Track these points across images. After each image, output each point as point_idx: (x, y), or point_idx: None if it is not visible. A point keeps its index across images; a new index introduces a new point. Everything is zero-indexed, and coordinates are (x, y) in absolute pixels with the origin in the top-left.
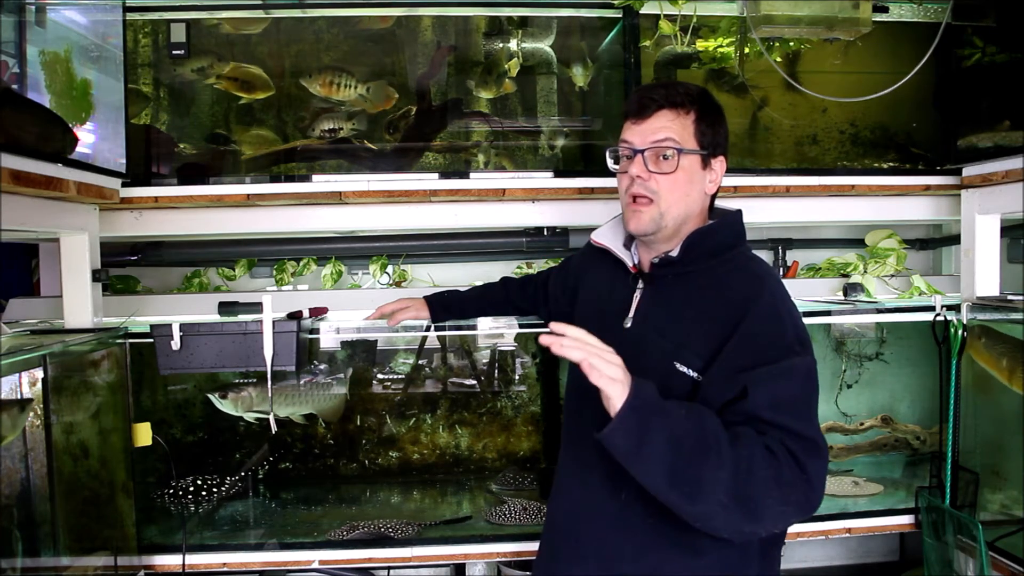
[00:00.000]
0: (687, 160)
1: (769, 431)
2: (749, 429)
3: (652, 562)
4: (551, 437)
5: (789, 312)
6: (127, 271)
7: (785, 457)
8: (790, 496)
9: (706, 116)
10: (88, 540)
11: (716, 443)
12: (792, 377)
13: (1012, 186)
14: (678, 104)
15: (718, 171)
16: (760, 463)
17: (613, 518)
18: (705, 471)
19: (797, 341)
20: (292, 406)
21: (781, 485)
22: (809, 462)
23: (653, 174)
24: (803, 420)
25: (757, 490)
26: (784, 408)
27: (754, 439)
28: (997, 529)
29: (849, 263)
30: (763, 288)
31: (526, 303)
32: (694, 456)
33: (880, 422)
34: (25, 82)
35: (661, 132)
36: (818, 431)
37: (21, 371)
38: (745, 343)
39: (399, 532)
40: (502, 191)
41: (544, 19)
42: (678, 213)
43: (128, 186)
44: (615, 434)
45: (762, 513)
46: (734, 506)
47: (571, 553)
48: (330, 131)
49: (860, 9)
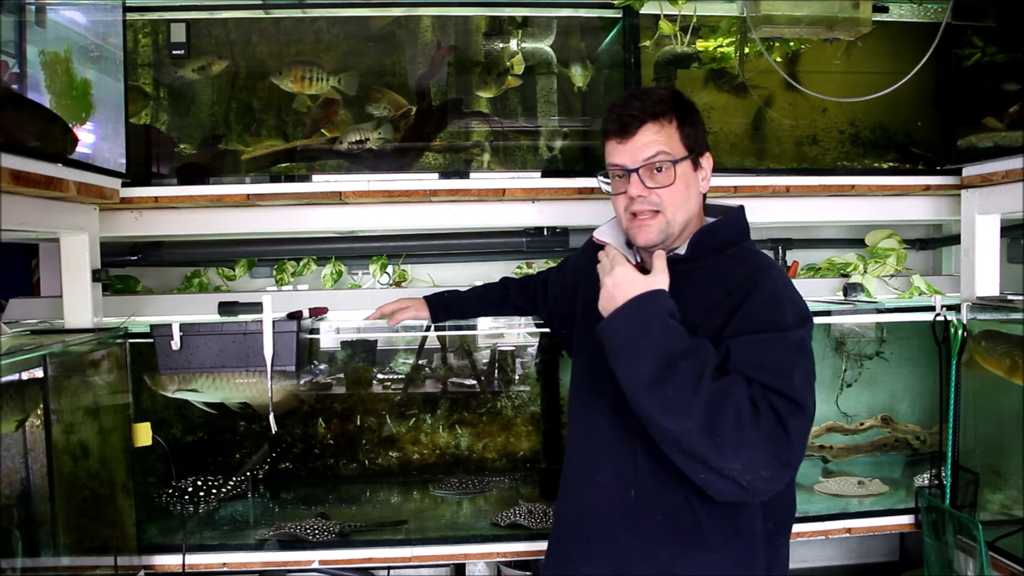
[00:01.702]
0: (681, 167)
1: (752, 386)
2: (737, 375)
3: (663, 559)
4: (551, 437)
5: (791, 298)
6: (127, 271)
7: (765, 409)
8: (764, 446)
9: (686, 118)
10: (88, 540)
11: (700, 371)
12: (779, 343)
13: (1012, 186)
14: (659, 114)
15: (707, 168)
16: (738, 403)
17: (622, 517)
18: (683, 394)
19: (794, 321)
20: (223, 391)
21: (756, 431)
22: (790, 420)
23: (652, 189)
24: (785, 380)
25: (727, 427)
26: (768, 369)
27: (738, 382)
28: (997, 529)
29: (849, 263)
30: (766, 277)
31: (526, 303)
32: (677, 376)
33: (880, 422)
34: (25, 82)
35: (650, 148)
36: (802, 394)
37: (21, 371)
38: (741, 321)
39: (319, 536)
40: (502, 191)
41: (544, 19)
42: (682, 219)
43: (128, 186)
44: (617, 319)
45: (729, 452)
46: (702, 435)
47: (581, 553)
48: (357, 142)
49: (860, 9)
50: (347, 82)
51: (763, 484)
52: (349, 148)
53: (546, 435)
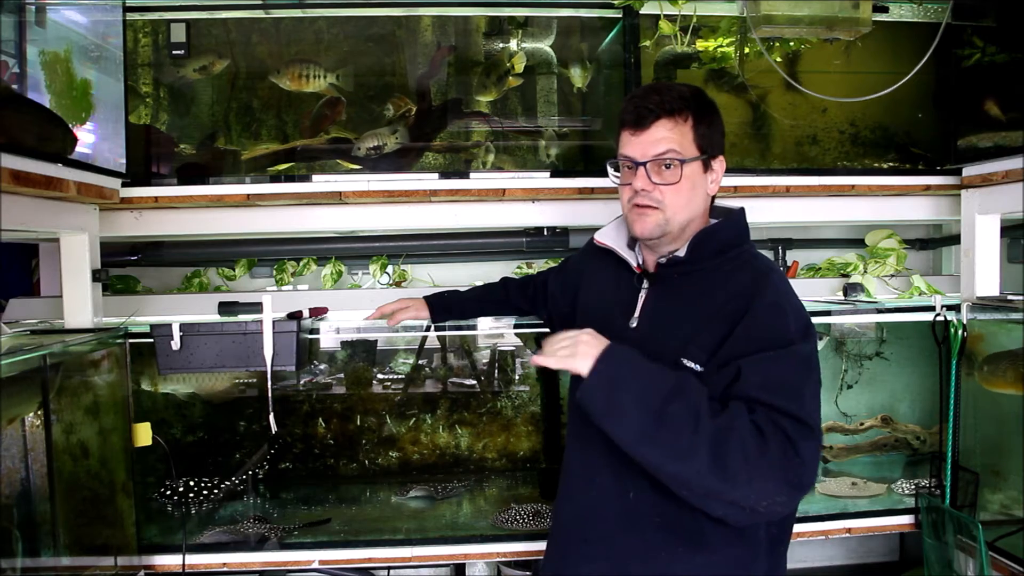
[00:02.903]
0: (689, 168)
1: (759, 409)
2: (738, 403)
3: (662, 560)
4: (551, 437)
5: (792, 306)
6: (127, 271)
7: (774, 434)
8: (777, 473)
9: (703, 118)
10: (88, 540)
11: (695, 410)
12: (787, 361)
13: (1012, 186)
14: (675, 111)
15: (718, 171)
16: (743, 435)
17: (622, 518)
18: (682, 437)
19: (798, 333)
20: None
21: (766, 458)
22: (801, 442)
23: (657, 185)
24: (795, 401)
25: (735, 461)
26: (775, 389)
27: (740, 412)
28: (997, 529)
29: (849, 263)
30: (767, 283)
31: (526, 303)
32: (669, 420)
33: (880, 422)
34: (25, 82)
35: (662, 144)
36: (811, 414)
37: (21, 371)
38: (745, 333)
39: (250, 539)
40: (502, 191)
41: (544, 19)
42: (683, 218)
43: (128, 186)
44: (590, 384)
45: (742, 485)
46: (711, 474)
47: (580, 554)
48: (375, 148)
49: (860, 9)
50: (345, 78)
51: (781, 508)
52: (367, 154)
53: (546, 435)
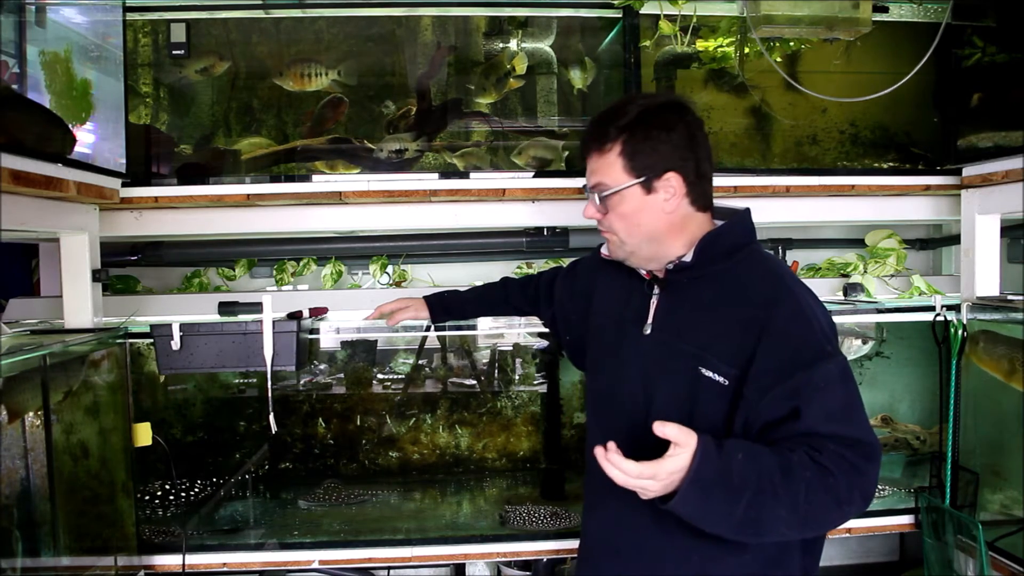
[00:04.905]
0: (621, 196)
1: (825, 445)
2: (802, 454)
3: (696, 563)
4: (551, 437)
5: (813, 310)
6: (127, 271)
7: (841, 470)
8: (850, 509)
9: (642, 139)
10: (88, 540)
11: (771, 485)
12: (834, 383)
13: (1012, 186)
14: (601, 142)
15: (675, 185)
16: (817, 488)
17: (652, 526)
18: (765, 512)
19: (827, 339)
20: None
21: (840, 502)
22: (866, 465)
23: (605, 215)
24: (854, 424)
25: (816, 512)
26: (836, 418)
27: (807, 464)
28: (997, 529)
29: (849, 263)
30: (782, 287)
31: (526, 304)
32: (754, 504)
33: (880, 422)
34: (25, 82)
35: (593, 177)
36: (868, 430)
37: (21, 371)
38: (777, 348)
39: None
40: (502, 191)
41: (544, 19)
42: (638, 242)
43: (128, 186)
44: (678, 506)
45: (823, 528)
46: (796, 531)
47: (613, 564)
48: (396, 152)
49: (860, 9)
50: (347, 73)
51: (857, 516)
52: (388, 157)
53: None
